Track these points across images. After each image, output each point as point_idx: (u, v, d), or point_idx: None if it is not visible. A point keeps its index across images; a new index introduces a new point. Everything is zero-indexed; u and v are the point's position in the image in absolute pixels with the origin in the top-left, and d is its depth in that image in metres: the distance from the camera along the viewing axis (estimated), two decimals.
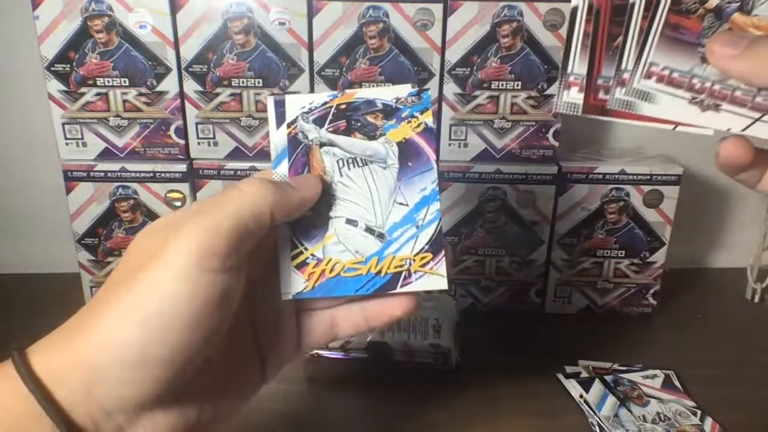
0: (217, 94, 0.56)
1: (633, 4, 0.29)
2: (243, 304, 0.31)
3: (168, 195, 0.58)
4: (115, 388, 0.25)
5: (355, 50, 0.55)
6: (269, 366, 0.33)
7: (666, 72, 0.28)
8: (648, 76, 0.28)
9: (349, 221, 0.32)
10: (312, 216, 0.32)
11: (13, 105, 0.68)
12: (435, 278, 0.32)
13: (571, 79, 0.30)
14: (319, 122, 0.33)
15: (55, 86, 0.55)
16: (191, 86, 0.56)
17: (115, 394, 0.25)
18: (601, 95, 0.30)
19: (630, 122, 0.30)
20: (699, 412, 0.48)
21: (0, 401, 0.24)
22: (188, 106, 0.56)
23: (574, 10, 0.29)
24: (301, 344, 0.34)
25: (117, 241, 0.60)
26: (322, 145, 0.33)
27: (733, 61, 0.27)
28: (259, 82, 0.55)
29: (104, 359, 0.25)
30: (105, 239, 0.60)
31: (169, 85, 0.55)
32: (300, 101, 0.34)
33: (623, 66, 0.29)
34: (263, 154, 0.58)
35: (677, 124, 0.29)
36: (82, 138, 0.57)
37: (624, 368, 0.54)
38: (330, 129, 0.33)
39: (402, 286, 0.32)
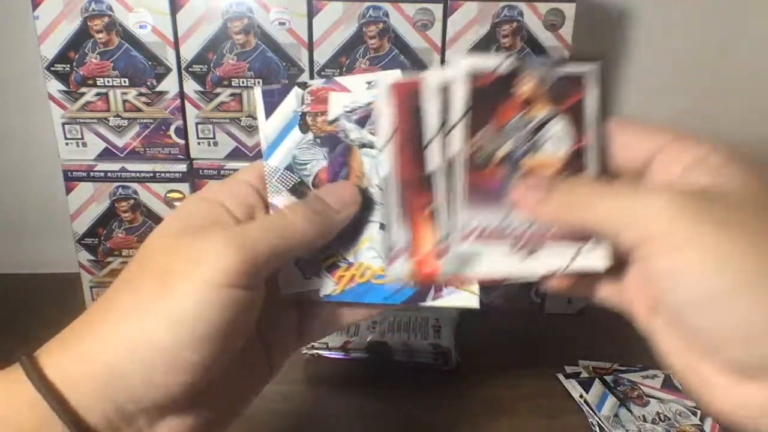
0: (217, 94, 0.56)
1: (433, 173, 0.29)
2: None
3: (168, 195, 0.58)
4: (139, 391, 0.25)
5: (355, 50, 0.55)
6: (274, 359, 0.33)
7: (480, 228, 0.28)
8: (465, 237, 0.28)
9: (383, 226, 0.31)
10: None
11: (13, 105, 0.68)
12: (467, 295, 0.31)
13: (396, 250, 0.30)
14: (361, 123, 0.33)
15: (55, 86, 0.55)
16: (191, 86, 0.56)
17: (138, 397, 0.25)
18: (431, 266, 0.30)
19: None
20: (699, 412, 0.48)
21: (9, 406, 0.24)
22: (188, 106, 0.56)
23: (387, 177, 0.30)
24: (302, 334, 0.34)
25: (117, 241, 0.60)
26: (362, 146, 0.32)
27: (538, 207, 0.27)
28: (259, 82, 0.55)
29: (131, 361, 0.24)
30: (105, 239, 0.60)
31: (169, 85, 0.55)
32: (342, 99, 0.33)
33: (441, 235, 0.29)
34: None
35: (503, 281, 0.29)
36: (82, 138, 0.57)
37: (624, 368, 0.54)
38: (371, 130, 0.32)
39: (433, 299, 0.31)
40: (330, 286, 0.32)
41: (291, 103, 0.33)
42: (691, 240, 0.22)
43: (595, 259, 0.28)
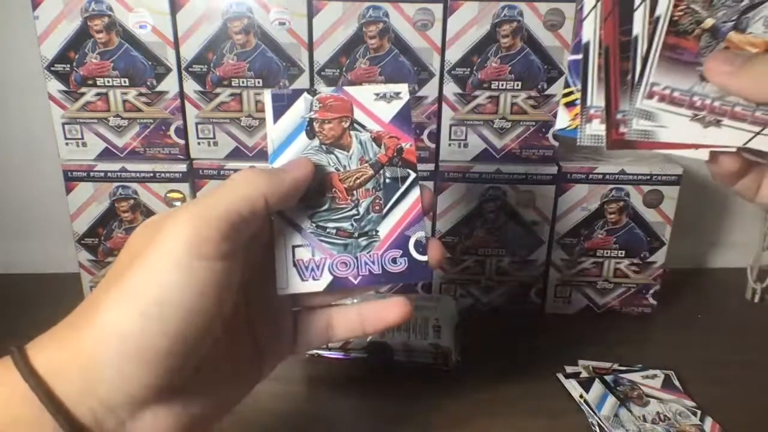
0: (217, 94, 0.56)
1: (636, 38, 0.29)
2: (240, 298, 0.31)
3: (168, 195, 0.58)
4: (115, 382, 0.25)
5: (355, 50, 0.55)
6: (265, 361, 0.33)
7: (667, 91, 0.29)
8: (650, 96, 0.29)
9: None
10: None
11: (13, 105, 0.68)
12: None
13: (592, 111, 0.31)
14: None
15: (55, 86, 0.55)
16: (191, 86, 0.56)
17: (115, 387, 0.25)
18: (621, 129, 0.31)
19: (657, 151, 0.31)
20: (699, 412, 0.48)
21: None
22: (188, 106, 0.56)
23: (587, 45, 0.30)
24: (297, 342, 0.34)
25: (117, 241, 0.60)
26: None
27: (730, 77, 0.28)
28: (259, 82, 0.55)
29: (104, 352, 0.25)
30: (105, 239, 0.60)
31: (169, 85, 0.55)
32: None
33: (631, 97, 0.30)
34: (263, 154, 0.58)
35: (697, 146, 0.30)
36: (82, 138, 0.57)
37: (624, 368, 0.54)
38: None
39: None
40: (324, 284, 0.32)
41: (299, 108, 0.34)
42: None
43: None
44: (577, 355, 0.55)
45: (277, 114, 0.33)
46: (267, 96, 0.33)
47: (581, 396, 0.50)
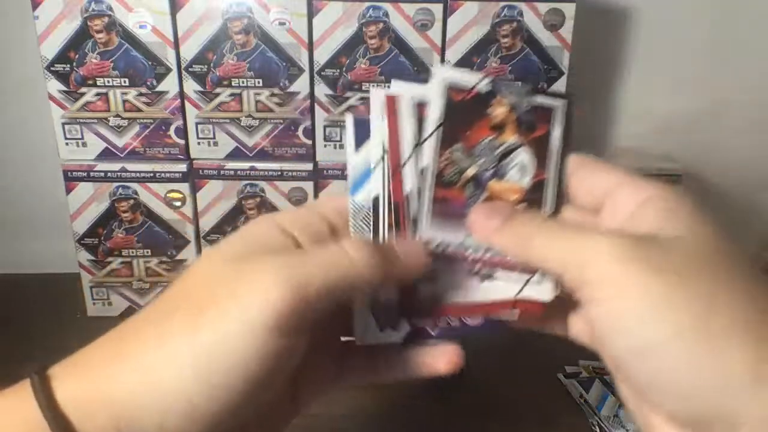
0: (217, 94, 0.56)
1: (407, 196, 0.28)
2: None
3: (168, 195, 0.58)
4: (150, 431, 0.22)
5: (355, 50, 0.55)
6: (302, 397, 0.31)
7: (440, 249, 0.28)
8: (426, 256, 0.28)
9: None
10: None
11: (13, 105, 0.68)
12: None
13: None
14: None
15: (55, 86, 0.55)
16: (191, 86, 0.56)
17: None
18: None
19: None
20: None
21: (15, 428, 0.22)
22: (188, 106, 0.56)
23: (376, 199, 0.29)
24: (338, 379, 0.32)
25: (117, 241, 0.60)
26: None
27: (494, 235, 0.27)
28: (259, 82, 0.55)
29: (143, 400, 0.22)
30: (105, 239, 0.60)
31: (169, 85, 0.55)
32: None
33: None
34: (263, 154, 0.58)
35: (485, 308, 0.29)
36: (82, 138, 0.57)
37: None
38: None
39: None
40: (402, 335, 0.30)
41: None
42: (628, 286, 0.22)
43: (543, 291, 0.28)
44: (577, 355, 0.55)
45: (359, 141, 0.30)
46: (349, 120, 0.30)
47: (581, 396, 0.50)
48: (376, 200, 0.29)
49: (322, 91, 0.56)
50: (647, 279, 0.22)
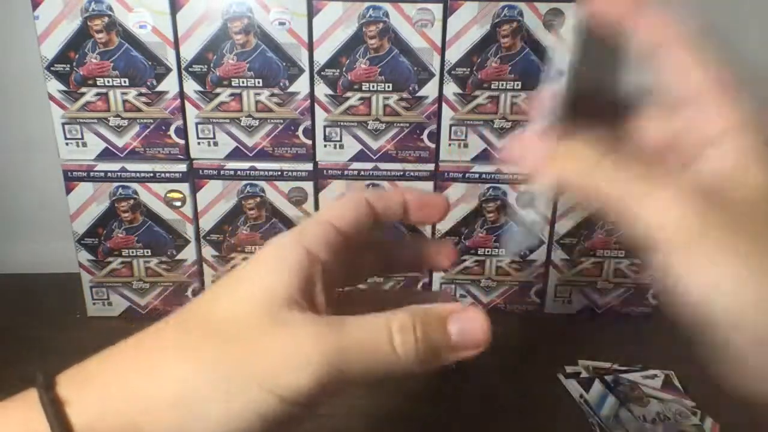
0: (217, 94, 0.56)
1: None
2: None
3: (168, 195, 0.58)
4: None
5: (355, 50, 0.55)
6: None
7: None
8: None
9: None
10: None
11: (13, 105, 0.68)
12: None
13: None
14: None
15: (55, 86, 0.55)
16: (191, 86, 0.56)
17: None
18: None
19: None
20: (699, 412, 0.48)
21: None
22: (188, 106, 0.56)
23: None
24: (348, 279, 0.32)
25: (117, 241, 0.60)
26: None
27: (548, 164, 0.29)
28: (259, 82, 0.55)
29: (166, 425, 0.22)
30: (105, 239, 0.60)
31: (169, 85, 0.55)
32: None
33: None
34: (263, 154, 0.58)
35: None
36: (82, 138, 0.57)
37: (624, 368, 0.54)
38: None
39: None
40: None
41: None
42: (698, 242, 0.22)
43: None
44: (577, 355, 0.55)
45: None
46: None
47: (581, 396, 0.50)
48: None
49: (322, 91, 0.56)
50: (715, 236, 0.22)
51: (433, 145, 0.58)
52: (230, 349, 0.23)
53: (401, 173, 0.59)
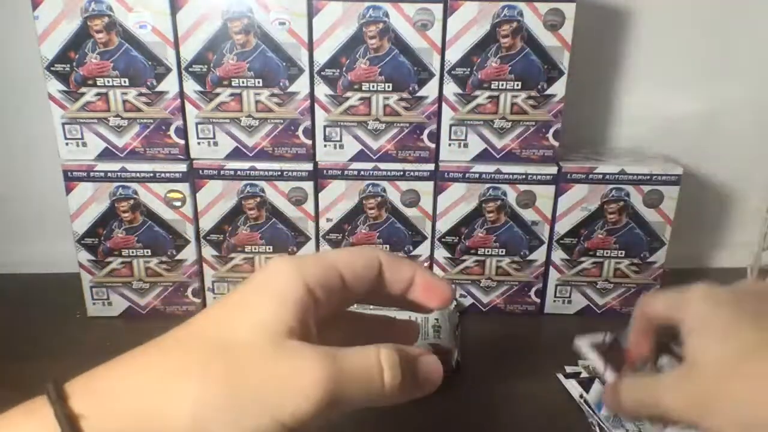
0: (217, 94, 0.56)
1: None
2: None
3: (168, 195, 0.58)
4: None
5: (355, 50, 0.55)
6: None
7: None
8: None
9: None
10: None
11: (13, 105, 0.68)
12: None
13: None
14: None
15: (55, 86, 0.55)
16: (191, 86, 0.56)
17: None
18: None
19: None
20: None
21: None
22: (188, 106, 0.56)
23: None
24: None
25: (117, 241, 0.60)
26: None
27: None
28: (259, 82, 0.55)
29: None
30: (105, 239, 0.60)
31: (169, 85, 0.55)
32: None
33: None
34: (263, 154, 0.58)
35: None
36: (82, 138, 0.57)
37: None
38: None
39: None
40: None
41: None
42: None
43: None
44: (577, 355, 0.55)
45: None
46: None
47: (581, 396, 0.50)
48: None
49: (322, 91, 0.56)
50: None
51: (433, 145, 0.58)
52: (237, 374, 0.23)
53: (401, 173, 0.59)
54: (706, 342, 0.32)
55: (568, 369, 0.54)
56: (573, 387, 0.51)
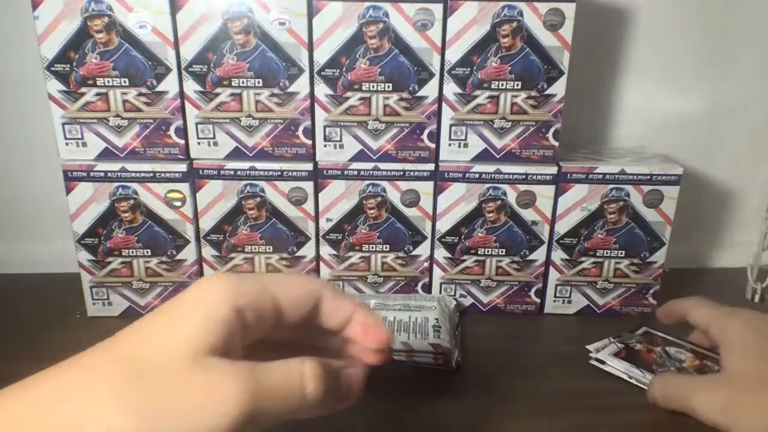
0: (217, 94, 0.56)
1: None
2: None
3: (168, 195, 0.58)
4: None
5: (355, 50, 0.55)
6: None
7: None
8: None
9: None
10: None
11: (13, 105, 0.68)
12: None
13: None
14: None
15: (55, 86, 0.55)
16: (191, 86, 0.56)
17: None
18: None
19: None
20: None
21: None
22: (188, 106, 0.56)
23: None
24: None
25: (117, 241, 0.60)
26: None
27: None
28: (259, 82, 0.55)
29: None
30: (105, 239, 0.60)
31: (169, 85, 0.55)
32: None
33: None
34: (263, 154, 0.58)
35: None
36: (82, 138, 0.57)
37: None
38: None
39: None
40: None
41: None
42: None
43: None
44: (577, 355, 0.55)
45: None
46: None
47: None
48: None
49: (322, 91, 0.56)
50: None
51: (433, 145, 0.58)
52: (154, 401, 0.24)
53: (401, 173, 0.59)
54: (743, 360, 0.39)
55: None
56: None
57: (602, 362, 0.53)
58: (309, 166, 0.58)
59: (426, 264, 0.63)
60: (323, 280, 0.31)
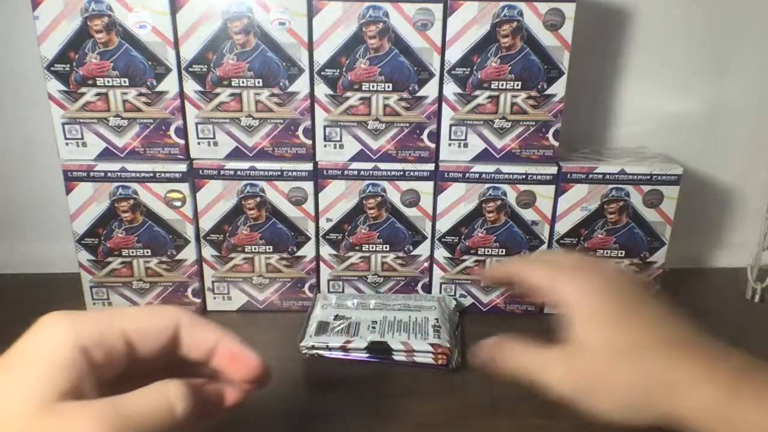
0: (217, 94, 0.56)
1: None
2: None
3: (168, 195, 0.58)
4: None
5: (355, 50, 0.55)
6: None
7: None
8: None
9: None
10: None
11: (13, 105, 0.68)
12: None
13: None
14: None
15: (55, 86, 0.55)
16: (191, 86, 0.56)
17: None
18: None
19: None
20: None
21: None
22: (188, 106, 0.56)
23: None
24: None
25: (117, 241, 0.60)
26: None
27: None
28: (259, 82, 0.55)
29: None
30: (105, 239, 0.60)
31: (169, 85, 0.55)
32: None
33: None
34: (263, 154, 0.58)
35: None
36: (82, 138, 0.57)
37: None
38: None
39: None
40: None
41: None
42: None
43: None
44: None
45: None
46: None
47: None
48: None
49: (322, 91, 0.56)
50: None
51: (433, 145, 0.58)
52: None
53: (401, 173, 0.59)
54: (596, 330, 0.35)
55: None
56: None
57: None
58: (309, 166, 0.58)
59: (426, 264, 0.63)
60: (180, 309, 0.29)
